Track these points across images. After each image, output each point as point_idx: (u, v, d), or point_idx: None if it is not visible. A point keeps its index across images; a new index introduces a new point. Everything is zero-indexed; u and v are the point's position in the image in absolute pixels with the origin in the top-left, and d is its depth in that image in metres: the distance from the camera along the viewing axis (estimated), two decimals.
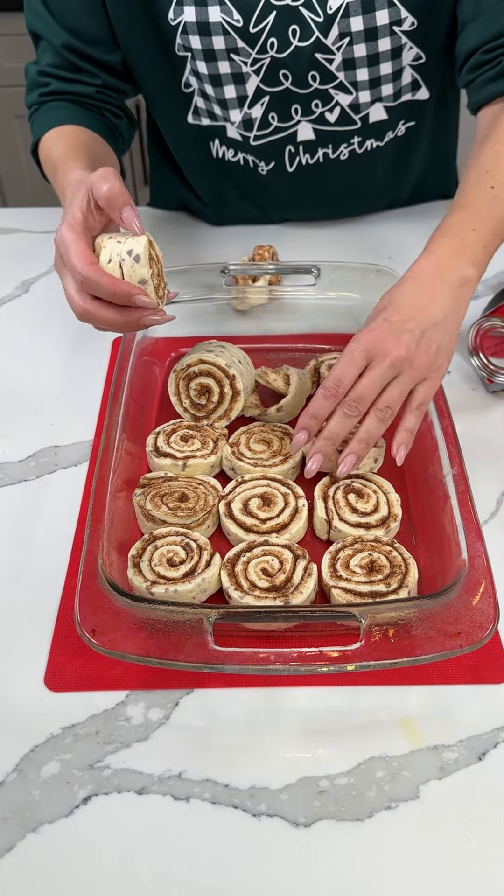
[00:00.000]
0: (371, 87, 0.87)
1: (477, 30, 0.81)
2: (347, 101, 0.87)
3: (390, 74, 0.86)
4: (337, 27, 0.80)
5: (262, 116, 0.89)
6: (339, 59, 0.83)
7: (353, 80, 0.85)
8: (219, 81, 0.86)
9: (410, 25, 0.82)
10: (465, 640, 0.49)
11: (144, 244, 0.61)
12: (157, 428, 0.72)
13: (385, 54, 0.84)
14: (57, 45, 0.86)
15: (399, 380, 0.63)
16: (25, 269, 0.97)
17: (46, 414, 0.77)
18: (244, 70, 0.84)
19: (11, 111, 2.12)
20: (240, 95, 0.87)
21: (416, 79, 0.89)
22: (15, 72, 2.02)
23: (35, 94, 0.90)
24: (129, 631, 0.51)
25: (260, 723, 0.53)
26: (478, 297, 0.91)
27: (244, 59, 0.83)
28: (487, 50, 0.81)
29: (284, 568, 0.57)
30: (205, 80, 0.87)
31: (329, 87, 0.86)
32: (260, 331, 0.87)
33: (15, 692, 0.54)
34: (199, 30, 0.82)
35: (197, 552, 0.59)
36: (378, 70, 0.85)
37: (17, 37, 2.00)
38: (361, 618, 0.49)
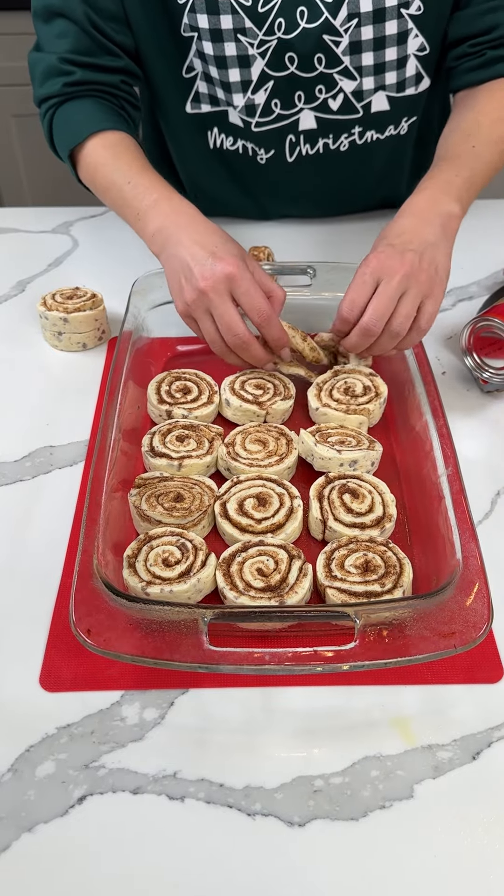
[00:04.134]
0: (375, 72, 0.88)
1: (467, 20, 0.87)
2: (351, 87, 0.88)
3: (395, 61, 0.88)
4: (346, 8, 0.81)
5: (266, 103, 0.89)
6: (346, 42, 0.84)
7: (357, 65, 0.87)
8: (224, 63, 0.87)
9: (417, 9, 0.84)
10: (459, 640, 0.49)
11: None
12: (152, 428, 0.72)
13: (391, 38, 0.85)
14: (80, 20, 0.84)
15: (408, 295, 0.68)
16: (22, 269, 0.97)
17: (42, 414, 0.77)
18: (250, 52, 0.85)
19: (8, 110, 2.12)
20: (244, 79, 0.88)
21: (419, 71, 0.90)
22: (12, 71, 2.02)
23: (58, 83, 0.86)
24: (124, 631, 0.51)
25: (255, 722, 0.53)
26: (472, 298, 0.91)
27: (251, 40, 0.84)
28: (474, 44, 0.87)
29: (280, 568, 0.57)
30: (210, 61, 0.87)
31: (334, 71, 0.87)
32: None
33: (10, 692, 0.54)
34: (208, 8, 0.82)
35: (192, 552, 0.59)
36: (383, 55, 0.86)
37: (15, 36, 2.01)
38: (356, 618, 0.49)
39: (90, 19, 0.84)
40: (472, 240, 1.02)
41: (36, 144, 2.15)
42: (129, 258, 0.99)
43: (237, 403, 0.74)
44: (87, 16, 0.84)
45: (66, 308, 0.83)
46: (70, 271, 0.97)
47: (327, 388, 0.76)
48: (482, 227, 1.05)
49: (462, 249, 0.99)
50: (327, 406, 0.74)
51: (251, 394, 0.75)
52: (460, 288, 0.93)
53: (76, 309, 0.83)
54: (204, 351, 0.84)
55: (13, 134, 2.17)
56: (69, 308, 0.83)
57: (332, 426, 0.72)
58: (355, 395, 0.74)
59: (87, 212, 1.09)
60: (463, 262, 0.97)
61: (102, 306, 0.84)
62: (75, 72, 0.85)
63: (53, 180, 2.21)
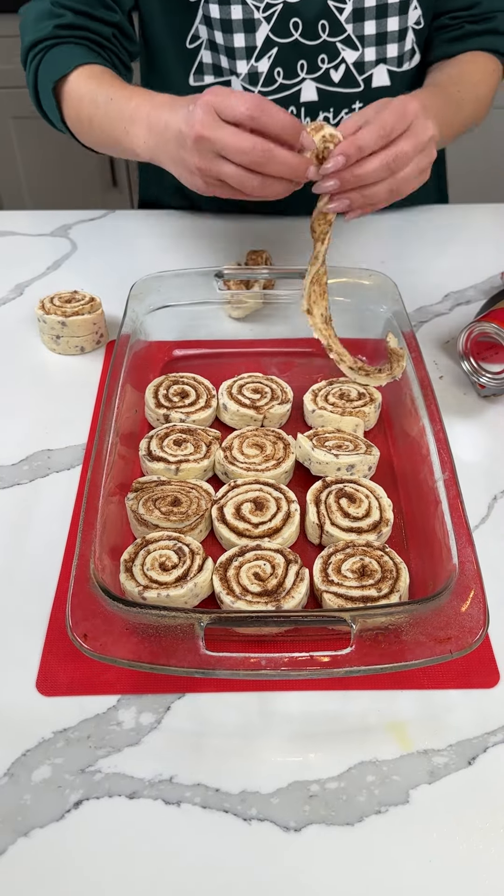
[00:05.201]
0: (377, 43, 0.90)
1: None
2: (353, 58, 0.90)
3: (396, 32, 0.90)
4: None
5: (269, 71, 0.90)
6: (350, 9, 0.86)
7: (360, 34, 0.89)
8: (230, 27, 0.87)
9: None
10: (455, 646, 0.50)
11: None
12: (150, 432, 0.72)
13: (393, 7, 0.88)
14: None
15: (419, 161, 0.67)
16: (20, 272, 0.97)
17: (40, 418, 0.77)
18: (256, 16, 0.86)
19: (7, 112, 2.12)
20: (248, 45, 0.89)
21: (414, 46, 0.94)
22: (9, 73, 2.03)
23: (47, 24, 0.86)
24: (120, 636, 0.51)
25: (251, 727, 0.53)
26: (469, 303, 0.91)
27: (257, 3, 0.85)
28: (454, 17, 0.92)
29: (276, 573, 0.57)
30: (215, 25, 0.88)
31: (337, 40, 0.88)
32: (253, 335, 0.87)
33: (7, 696, 0.54)
34: None
35: (189, 556, 0.59)
36: (385, 24, 0.89)
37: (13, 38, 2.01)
38: (352, 622, 0.50)
39: None
40: (469, 244, 1.02)
41: (35, 147, 2.15)
42: (128, 262, 0.99)
43: (234, 408, 0.74)
44: None
45: (64, 312, 0.83)
46: (68, 275, 0.97)
47: (322, 393, 0.76)
48: (479, 231, 1.05)
49: (459, 253, 1.00)
50: (323, 408, 0.74)
51: (248, 398, 0.75)
52: (457, 292, 0.93)
53: (74, 313, 0.83)
54: (202, 355, 0.85)
55: (12, 136, 2.17)
56: (67, 312, 0.83)
57: (329, 430, 0.72)
58: (350, 400, 0.75)
59: (86, 215, 1.09)
60: (460, 267, 0.97)
61: (100, 310, 0.85)
62: (66, 14, 0.86)
63: (52, 183, 2.21)
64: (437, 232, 1.05)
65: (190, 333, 0.86)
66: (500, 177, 2.10)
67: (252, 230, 1.03)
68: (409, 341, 0.76)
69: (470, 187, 1.36)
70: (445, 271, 0.96)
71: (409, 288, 0.90)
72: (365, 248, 1.00)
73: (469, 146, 1.99)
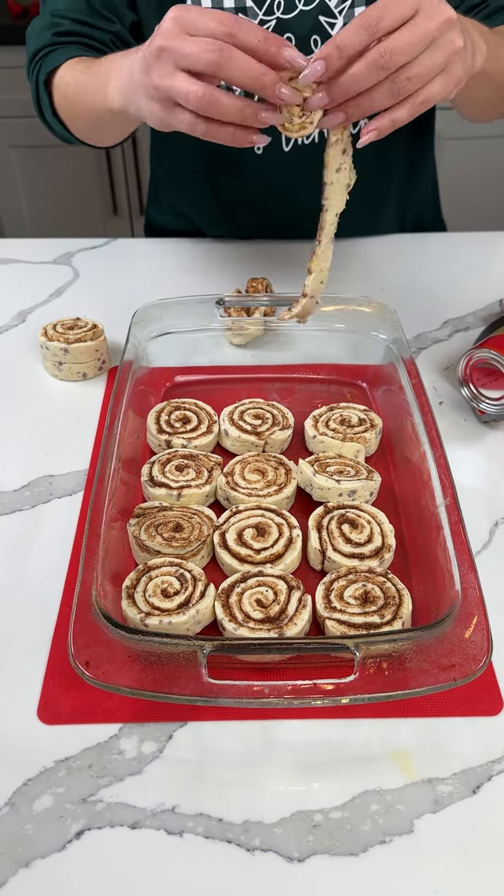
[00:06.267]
0: None
1: None
2: None
3: None
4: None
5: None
6: (340, 24, 0.88)
7: None
8: None
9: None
10: (459, 673, 0.49)
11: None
12: (152, 457, 0.73)
13: None
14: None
15: (432, 53, 0.57)
16: (22, 299, 0.98)
17: (42, 443, 0.77)
18: None
19: (7, 141, 2.15)
20: None
21: None
22: (10, 103, 2.06)
23: (47, 34, 0.88)
24: (123, 663, 0.50)
25: (254, 756, 0.52)
26: (469, 329, 0.92)
27: (251, 19, 0.86)
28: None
29: (279, 599, 0.57)
30: None
31: None
32: (254, 361, 0.88)
33: (8, 725, 0.54)
34: None
35: (191, 583, 0.59)
36: None
37: (14, 69, 2.05)
38: (355, 650, 0.49)
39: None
40: (468, 271, 1.04)
41: (36, 175, 2.18)
42: (130, 289, 1.00)
43: (236, 434, 0.74)
44: None
45: (66, 339, 0.84)
46: (71, 302, 0.98)
47: (323, 419, 0.76)
48: (477, 259, 1.06)
49: (458, 281, 1.01)
50: (324, 434, 0.74)
51: (250, 424, 0.76)
52: (456, 319, 0.94)
53: (77, 339, 0.84)
54: (203, 381, 0.86)
55: (14, 165, 2.20)
56: (70, 339, 0.84)
57: (330, 455, 0.72)
58: (351, 426, 0.75)
59: (88, 243, 1.10)
60: (458, 294, 0.98)
61: (103, 337, 0.85)
62: (64, 22, 0.88)
63: (53, 211, 2.24)
64: (436, 260, 1.06)
65: (191, 359, 0.86)
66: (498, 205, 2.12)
67: (252, 257, 1.04)
68: (408, 367, 0.77)
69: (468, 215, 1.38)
70: (444, 298, 0.97)
71: (409, 315, 0.91)
72: (365, 276, 1.01)
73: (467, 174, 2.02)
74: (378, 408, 0.81)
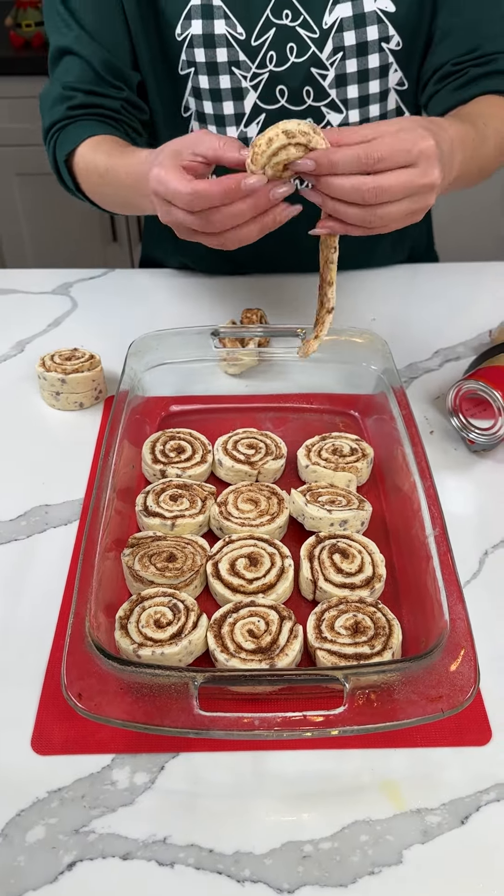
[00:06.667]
0: (360, 105, 0.93)
1: (448, 47, 0.91)
2: (338, 120, 0.93)
3: (378, 94, 0.93)
4: (331, 42, 0.87)
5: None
6: (332, 75, 0.90)
7: (343, 98, 0.92)
8: (219, 97, 0.92)
9: (396, 45, 0.90)
10: (447, 704, 0.50)
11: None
12: (146, 487, 0.74)
13: (374, 71, 0.91)
14: (89, 59, 0.91)
15: (407, 201, 0.63)
16: (21, 329, 1.00)
17: (38, 473, 0.78)
18: (244, 85, 0.90)
19: (12, 169, 2.19)
20: (237, 112, 0.93)
21: (399, 105, 0.96)
22: (16, 132, 2.10)
23: (61, 108, 0.92)
24: (115, 695, 0.51)
25: (245, 787, 0.53)
26: (459, 359, 0.94)
27: (244, 72, 0.89)
28: (457, 63, 0.90)
29: (270, 629, 0.58)
30: (205, 96, 0.92)
31: (321, 104, 0.92)
32: (248, 391, 0.89)
33: (2, 755, 0.55)
34: (205, 42, 0.88)
35: (184, 613, 0.60)
36: (367, 87, 0.92)
37: (19, 99, 2.09)
38: (345, 681, 0.50)
39: (100, 57, 0.91)
40: (459, 302, 1.05)
41: (38, 202, 2.21)
42: (126, 319, 1.02)
43: (230, 463, 0.76)
44: (96, 53, 0.91)
45: (64, 369, 0.85)
46: (69, 331, 1.00)
47: (316, 449, 0.77)
48: (467, 289, 1.08)
49: (448, 311, 1.03)
50: (317, 464, 0.75)
51: (243, 454, 0.77)
52: (447, 348, 0.95)
53: (74, 370, 0.85)
54: (198, 411, 0.87)
55: (15, 192, 2.24)
56: (67, 369, 0.85)
57: (322, 485, 0.73)
58: (343, 455, 0.76)
59: (87, 273, 1.12)
60: (449, 324, 1.00)
61: (100, 367, 0.87)
62: (77, 95, 0.91)
63: (54, 237, 2.27)
64: (427, 290, 1.08)
65: (186, 389, 0.88)
66: (489, 235, 2.15)
67: (247, 288, 1.06)
68: (399, 398, 0.78)
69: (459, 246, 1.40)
70: (435, 328, 0.99)
71: (400, 344, 0.92)
72: (356, 306, 1.03)
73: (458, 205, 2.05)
74: (370, 437, 0.82)
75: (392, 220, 0.65)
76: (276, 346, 0.90)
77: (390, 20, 0.87)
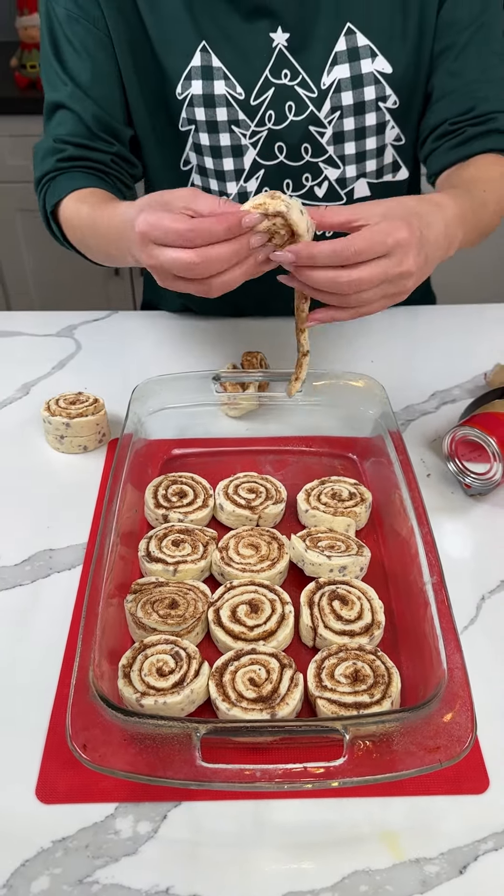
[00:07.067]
0: (357, 161, 0.96)
1: (445, 107, 0.93)
2: (335, 175, 0.96)
3: (374, 150, 0.96)
4: (329, 101, 0.90)
5: (257, 191, 0.97)
6: (330, 133, 0.92)
7: (340, 154, 0.94)
8: (219, 153, 0.94)
9: (394, 104, 0.92)
10: (444, 755, 0.51)
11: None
12: (149, 532, 0.75)
13: (371, 129, 0.94)
14: (81, 114, 0.93)
15: (384, 286, 0.66)
16: (26, 371, 1.02)
17: (43, 517, 0.80)
18: (243, 142, 0.93)
19: (14, 205, 2.23)
20: (237, 168, 0.95)
21: (396, 160, 0.99)
22: (17, 169, 2.14)
23: (51, 160, 0.95)
24: (119, 745, 0.52)
25: (247, 836, 0.54)
26: (455, 401, 0.95)
27: (244, 130, 0.92)
28: (454, 122, 0.92)
29: (271, 678, 0.59)
30: (205, 152, 0.94)
31: (319, 160, 0.94)
32: (249, 433, 0.91)
33: (6, 804, 0.55)
34: (205, 102, 0.91)
35: (186, 661, 0.61)
36: (364, 144, 0.94)
37: (22, 137, 2.13)
38: (345, 732, 0.51)
39: (91, 112, 0.93)
40: (455, 344, 1.07)
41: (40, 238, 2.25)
42: (130, 361, 1.04)
43: (231, 508, 0.77)
44: (88, 109, 0.93)
45: (69, 413, 0.87)
46: (73, 374, 1.02)
47: (315, 493, 0.79)
48: (464, 331, 1.10)
49: (445, 353, 1.05)
50: (316, 508, 0.77)
51: (244, 498, 0.78)
52: (443, 391, 0.97)
53: (79, 414, 0.87)
54: (200, 454, 0.89)
55: (18, 228, 2.27)
56: (72, 413, 0.87)
57: (321, 530, 0.75)
58: (342, 500, 0.78)
59: (90, 315, 1.14)
60: (445, 366, 1.02)
61: (103, 411, 0.88)
62: (67, 148, 0.94)
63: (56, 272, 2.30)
64: (424, 332, 1.10)
65: (188, 432, 0.89)
66: (485, 277, 2.18)
67: (247, 331, 1.08)
68: (396, 442, 0.80)
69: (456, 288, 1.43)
70: (431, 371, 1.01)
71: (397, 387, 0.94)
72: (354, 349, 1.05)
73: None
74: (368, 480, 0.84)
75: (370, 303, 0.68)
76: (276, 390, 0.92)
77: (387, 81, 0.90)
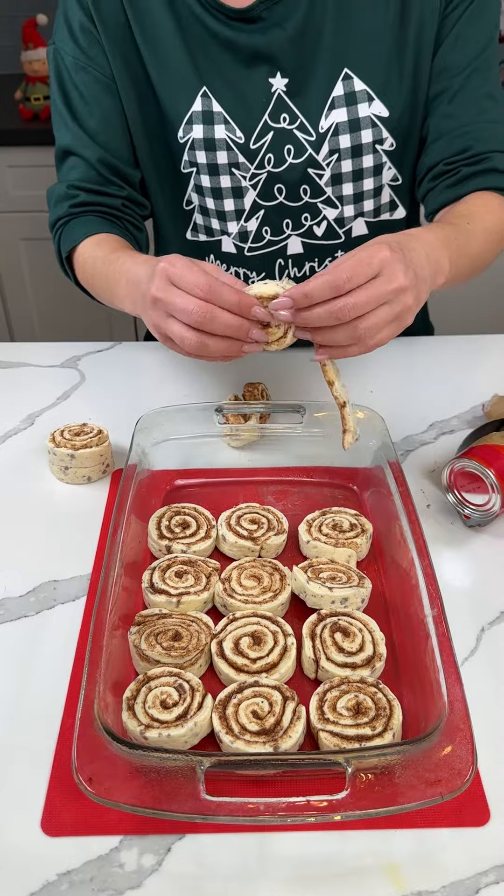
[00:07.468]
0: (355, 201, 0.98)
1: (441, 147, 0.95)
2: (333, 214, 0.98)
3: (372, 190, 0.98)
4: (327, 145, 0.92)
5: (257, 230, 0.99)
6: (328, 175, 0.95)
7: (339, 195, 0.97)
8: (220, 195, 0.97)
9: (390, 146, 0.95)
10: (446, 788, 0.52)
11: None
12: (152, 563, 0.76)
13: (368, 170, 0.96)
14: (90, 159, 0.96)
15: (385, 309, 0.68)
16: (31, 402, 1.03)
17: (47, 548, 0.81)
18: (243, 184, 0.95)
19: (17, 235, 2.26)
20: (238, 209, 0.98)
21: (393, 199, 1.01)
22: (21, 199, 2.18)
23: (64, 206, 0.98)
24: (124, 778, 0.53)
25: (250, 869, 0.54)
26: (453, 432, 0.97)
27: (244, 173, 0.94)
28: (449, 163, 0.95)
29: (274, 710, 0.60)
30: (206, 193, 0.97)
31: (318, 201, 0.97)
32: (251, 463, 0.92)
33: (12, 837, 0.56)
34: (206, 145, 0.93)
35: (189, 693, 0.61)
36: (361, 185, 0.97)
37: (24, 168, 2.17)
38: (347, 765, 0.52)
39: (102, 159, 0.96)
40: (453, 375, 1.09)
41: (43, 266, 2.28)
42: (133, 392, 1.05)
43: (233, 539, 0.78)
44: (97, 154, 0.96)
45: (73, 445, 0.88)
46: (78, 404, 1.03)
47: (316, 524, 0.80)
48: (462, 362, 1.12)
49: (443, 384, 1.07)
50: (317, 539, 0.78)
51: (246, 529, 0.79)
52: (442, 421, 0.99)
53: (83, 445, 0.88)
54: (202, 484, 0.90)
55: (22, 258, 2.31)
56: (77, 445, 0.88)
57: (323, 561, 0.76)
58: (343, 531, 0.79)
59: (95, 346, 1.16)
60: (444, 397, 1.03)
61: (108, 442, 0.90)
62: (80, 194, 0.97)
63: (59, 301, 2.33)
64: (423, 363, 1.12)
65: (191, 462, 0.91)
66: (483, 309, 2.21)
67: (249, 362, 1.10)
68: (395, 473, 0.81)
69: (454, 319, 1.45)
70: (430, 401, 1.02)
71: (396, 418, 0.96)
72: (353, 379, 1.06)
73: None
74: (368, 510, 0.85)
75: (378, 329, 0.69)
76: (277, 421, 0.93)
77: (384, 124, 0.93)
